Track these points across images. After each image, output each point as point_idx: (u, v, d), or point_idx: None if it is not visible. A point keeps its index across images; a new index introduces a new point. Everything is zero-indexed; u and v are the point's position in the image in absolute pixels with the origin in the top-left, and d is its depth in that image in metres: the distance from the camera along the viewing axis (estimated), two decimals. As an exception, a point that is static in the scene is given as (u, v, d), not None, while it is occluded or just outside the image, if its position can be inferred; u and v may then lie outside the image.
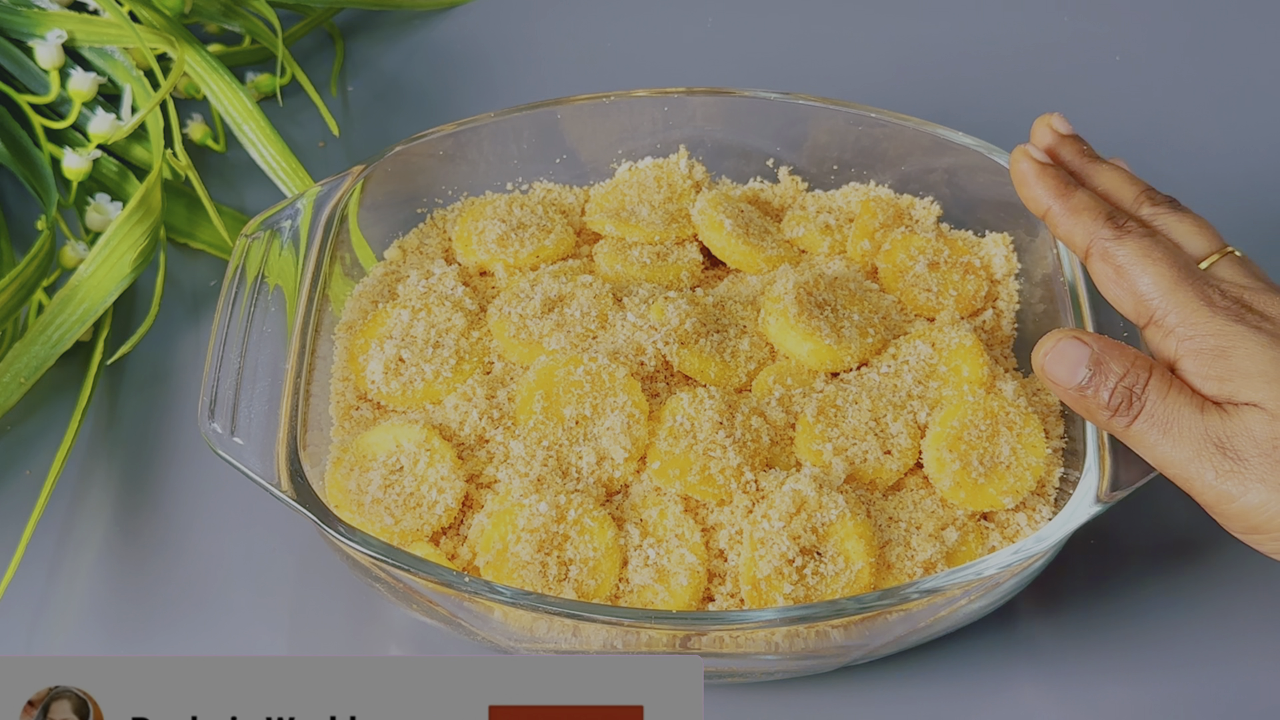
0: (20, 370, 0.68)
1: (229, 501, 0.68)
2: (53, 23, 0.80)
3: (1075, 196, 0.59)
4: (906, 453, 0.61)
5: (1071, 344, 0.55)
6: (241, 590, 0.66)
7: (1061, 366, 0.55)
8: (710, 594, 0.58)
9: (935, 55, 0.89)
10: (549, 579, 0.57)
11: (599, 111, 0.73)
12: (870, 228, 0.69)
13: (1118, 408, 0.54)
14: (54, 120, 0.79)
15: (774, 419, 0.61)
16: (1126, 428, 0.55)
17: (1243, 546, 0.66)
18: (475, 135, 0.71)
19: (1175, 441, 0.54)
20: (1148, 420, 0.54)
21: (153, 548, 0.67)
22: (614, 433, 0.60)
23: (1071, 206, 0.59)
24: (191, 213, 0.79)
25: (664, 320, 0.63)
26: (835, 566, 0.57)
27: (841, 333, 0.64)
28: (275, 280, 0.64)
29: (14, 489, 0.69)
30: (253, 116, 0.78)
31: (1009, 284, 0.69)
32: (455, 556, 0.59)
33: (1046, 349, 0.56)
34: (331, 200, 0.67)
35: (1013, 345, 0.68)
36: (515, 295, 0.65)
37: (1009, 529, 0.61)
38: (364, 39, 0.92)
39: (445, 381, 0.63)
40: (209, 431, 0.58)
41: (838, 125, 0.72)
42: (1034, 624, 0.64)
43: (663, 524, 0.59)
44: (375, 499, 0.59)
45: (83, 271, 0.70)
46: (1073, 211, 0.59)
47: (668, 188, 0.72)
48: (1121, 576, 0.65)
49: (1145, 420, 0.54)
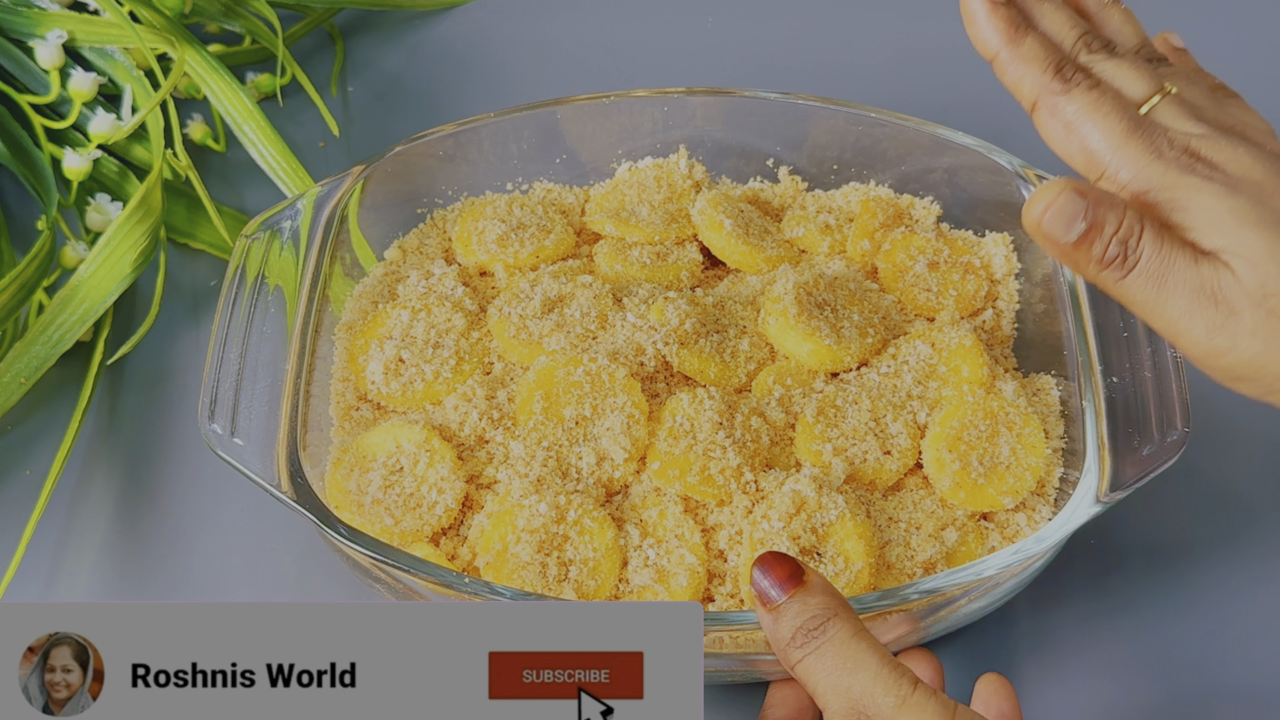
0: (20, 370, 0.68)
1: (229, 501, 0.68)
2: (53, 23, 0.80)
3: (1024, 44, 0.57)
4: (906, 453, 0.61)
5: (1070, 197, 0.52)
6: (241, 590, 0.65)
7: (1059, 221, 0.53)
8: (710, 594, 0.58)
9: (935, 55, 0.89)
10: (549, 579, 0.57)
11: (599, 111, 0.72)
12: (870, 228, 0.69)
13: (1111, 261, 0.52)
14: (54, 120, 0.79)
15: (774, 419, 0.61)
16: (1119, 282, 0.53)
17: (1242, 547, 0.66)
18: (475, 135, 0.71)
19: (1169, 294, 0.52)
20: (1142, 274, 0.52)
21: (153, 548, 0.67)
22: (614, 433, 0.60)
23: (1020, 55, 0.57)
24: (191, 213, 0.78)
25: (664, 320, 0.63)
26: (835, 567, 0.57)
27: (841, 333, 0.64)
28: (275, 280, 0.64)
29: (14, 489, 0.69)
30: (253, 116, 0.78)
31: (1009, 284, 0.69)
32: (455, 557, 0.59)
33: (1045, 202, 0.53)
34: (331, 200, 0.67)
35: (1013, 345, 0.68)
36: (515, 295, 0.65)
37: (1009, 529, 0.61)
38: (364, 39, 0.92)
39: (445, 382, 0.63)
40: (209, 432, 0.58)
41: (838, 125, 0.72)
42: (1034, 624, 0.64)
43: (662, 524, 0.59)
44: (375, 500, 0.59)
45: (83, 271, 0.70)
46: (1021, 59, 0.57)
47: (668, 188, 0.72)
48: (1121, 576, 0.65)
49: (1140, 274, 0.52)
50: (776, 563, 0.52)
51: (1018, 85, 0.57)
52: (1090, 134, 0.55)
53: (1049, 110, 0.56)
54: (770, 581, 0.51)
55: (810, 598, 0.51)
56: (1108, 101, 0.55)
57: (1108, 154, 0.55)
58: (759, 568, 0.52)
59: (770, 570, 0.51)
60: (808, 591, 0.51)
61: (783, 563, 0.52)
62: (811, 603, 0.51)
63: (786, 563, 0.52)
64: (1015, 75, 0.57)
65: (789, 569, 0.51)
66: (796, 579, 0.51)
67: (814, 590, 0.51)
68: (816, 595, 0.51)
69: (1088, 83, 0.56)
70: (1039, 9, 0.59)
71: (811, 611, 0.51)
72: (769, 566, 0.52)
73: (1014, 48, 0.57)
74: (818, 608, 0.51)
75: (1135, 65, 0.58)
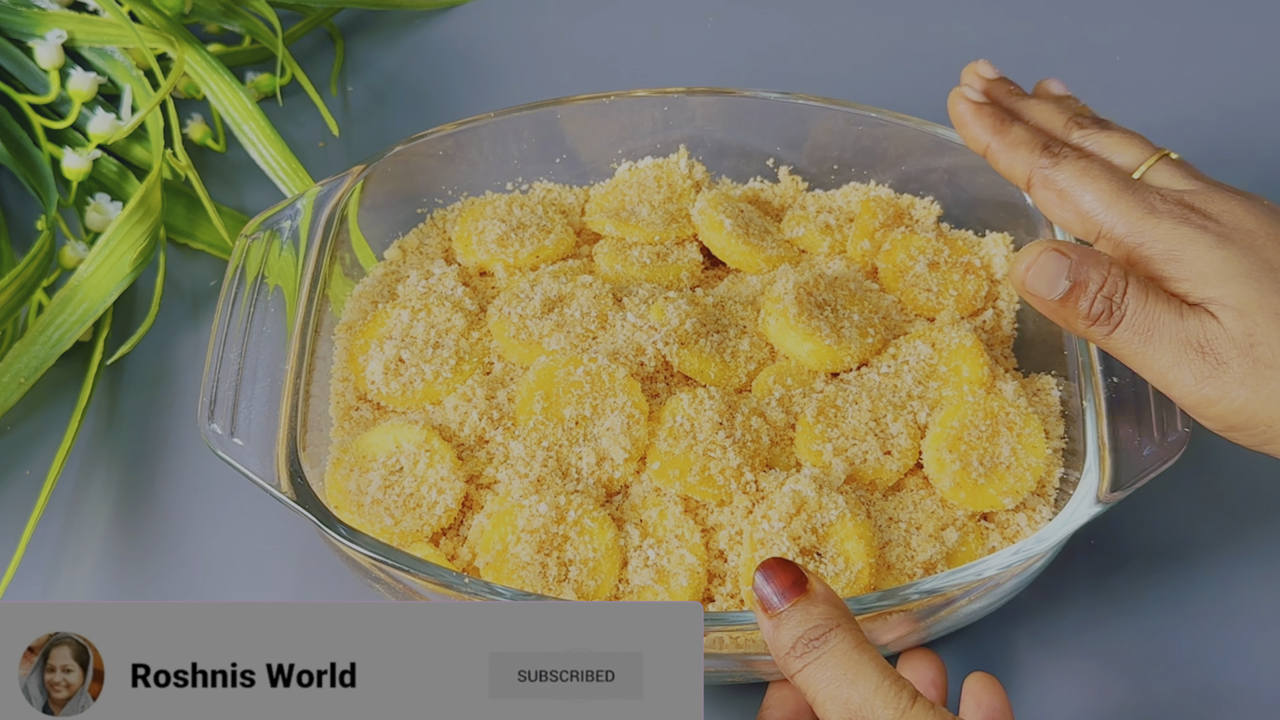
0: (20, 370, 0.68)
1: (229, 501, 0.68)
2: (53, 23, 0.80)
3: (1011, 132, 0.61)
4: (906, 453, 0.61)
5: (1051, 257, 0.54)
6: (241, 590, 0.65)
7: (1042, 280, 0.54)
8: (710, 594, 0.58)
9: (935, 55, 0.89)
10: (549, 580, 0.57)
11: (599, 111, 0.72)
12: (870, 227, 0.69)
13: (1098, 317, 0.54)
14: (54, 120, 0.79)
15: (774, 419, 0.61)
16: (1107, 336, 0.54)
17: (1242, 547, 0.66)
18: (475, 135, 0.71)
19: (1156, 347, 0.53)
20: (1129, 328, 0.54)
21: (153, 548, 0.67)
22: (614, 433, 0.59)
23: (1009, 142, 0.60)
24: (191, 213, 0.78)
25: (664, 320, 0.63)
26: (835, 567, 0.57)
27: (841, 333, 0.64)
28: (275, 280, 0.64)
29: (14, 489, 0.69)
30: (253, 116, 0.78)
31: (1009, 284, 0.68)
32: (455, 557, 0.59)
33: (1026, 263, 0.55)
34: (331, 200, 0.66)
35: (1013, 345, 0.68)
36: (515, 295, 0.65)
37: (1009, 529, 0.61)
38: (364, 39, 0.92)
39: (445, 382, 0.63)
40: (209, 432, 0.58)
41: (838, 125, 0.72)
42: (1034, 624, 0.64)
43: (662, 524, 0.58)
44: (375, 500, 0.59)
45: (83, 271, 0.70)
46: (1010, 146, 0.60)
47: (668, 187, 0.72)
48: (1121, 576, 0.65)
49: (1126, 328, 0.54)
50: (780, 569, 0.51)
51: (1011, 169, 0.61)
52: (1083, 197, 0.58)
53: (1042, 183, 0.59)
54: (773, 588, 0.51)
55: (813, 607, 0.50)
56: (1097, 167, 0.58)
57: (1101, 212, 0.57)
58: (761, 573, 0.51)
59: (773, 577, 0.51)
60: (810, 600, 0.51)
61: (786, 569, 0.51)
62: (814, 612, 0.50)
63: (790, 569, 0.51)
64: (1008, 161, 0.61)
65: (792, 576, 0.51)
66: (800, 587, 0.51)
67: (817, 600, 0.51)
68: (819, 605, 0.51)
69: (1076, 154, 0.59)
70: (1025, 105, 0.63)
71: (814, 621, 0.50)
72: (772, 573, 0.51)
73: (1002, 138, 0.61)
74: (820, 618, 0.50)
75: (1126, 136, 0.61)
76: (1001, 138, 0.61)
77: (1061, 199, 0.58)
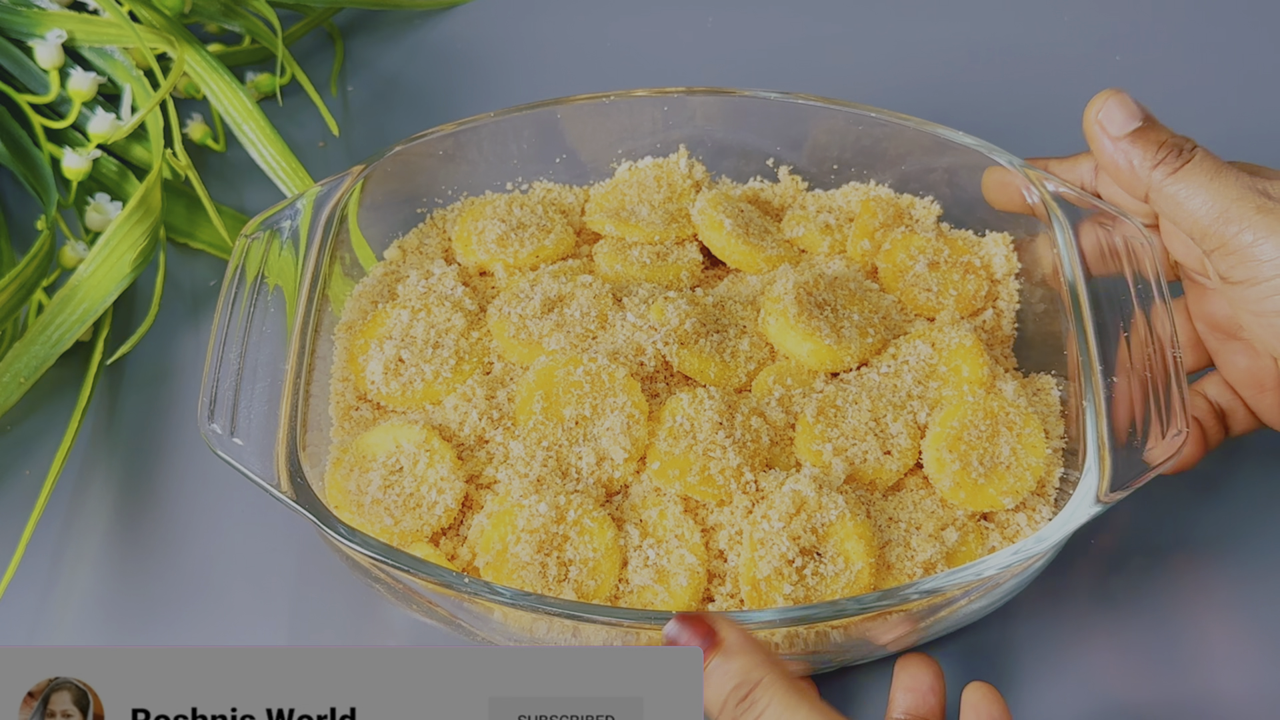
0: (20, 370, 0.68)
1: (229, 501, 0.68)
2: (53, 23, 0.79)
3: None
4: (906, 453, 0.61)
5: (1124, 99, 0.57)
6: (241, 590, 0.65)
7: (1116, 114, 0.56)
8: (710, 594, 0.58)
9: (935, 55, 0.89)
10: (549, 580, 0.56)
11: (599, 111, 0.72)
12: (870, 227, 0.69)
13: (1164, 158, 0.55)
14: (54, 120, 0.78)
15: (774, 419, 0.61)
16: (1171, 174, 0.54)
17: (1242, 547, 0.65)
18: (475, 135, 0.71)
19: (1221, 186, 0.54)
20: (1197, 167, 0.54)
21: (153, 547, 0.67)
22: (614, 433, 0.59)
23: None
24: (191, 213, 0.78)
25: (664, 320, 0.63)
26: (835, 567, 0.57)
27: (841, 333, 0.63)
28: (275, 280, 0.63)
29: (14, 489, 0.69)
30: (252, 116, 0.78)
31: (1009, 283, 0.68)
32: (455, 557, 0.58)
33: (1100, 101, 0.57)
34: (331, 200, 0.66)
35: (1013, 345, 0.67)
36: (515, 295, 0.65)
37: (1009, 529, 0.60)
38: (364, 39, 0.92)
39: (445, 382, 0.62)
40: (209, 432, 0.58)
41: (838, 125, 0.71)
42: (1034, 624, 0.63)
43: (662, 524, 0.58)
44: (375, 499, 0.59)
45: (83, 271, 0.70)
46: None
47: (667, 187, 0.72)
48: (1121, 577, 0.65)
49: (1195, 167, 0.54)
50: (688, 624, 0.49)
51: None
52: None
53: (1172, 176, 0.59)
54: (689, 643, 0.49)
55: (729, 662, 0.48)
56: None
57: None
58: (673, 628, 0.49)
59: (684, 630, 0.49)
60: (725, 656, 0.48)
61: (694, 624, 0.48)
62: (733, 668, 0.48)
63: (697, 623, 0.48)
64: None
65: (701, 629, 0.48)
66: (710, 640, 0.48)
67: (732, 653, 0.48)
68: (736, 658, 0.48)
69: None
70: None
71: (735, 679, 0.48)
72: (682, 628, 0.49)
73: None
74: (739, 673, 0.48)
75: None
76: None
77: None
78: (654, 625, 0.54)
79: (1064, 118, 0.67)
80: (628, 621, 0.54)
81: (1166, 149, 0.55)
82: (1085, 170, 0.64)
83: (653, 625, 0.54)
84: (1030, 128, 0.79)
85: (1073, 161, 0.64)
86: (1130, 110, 0.56)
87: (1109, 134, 0.55)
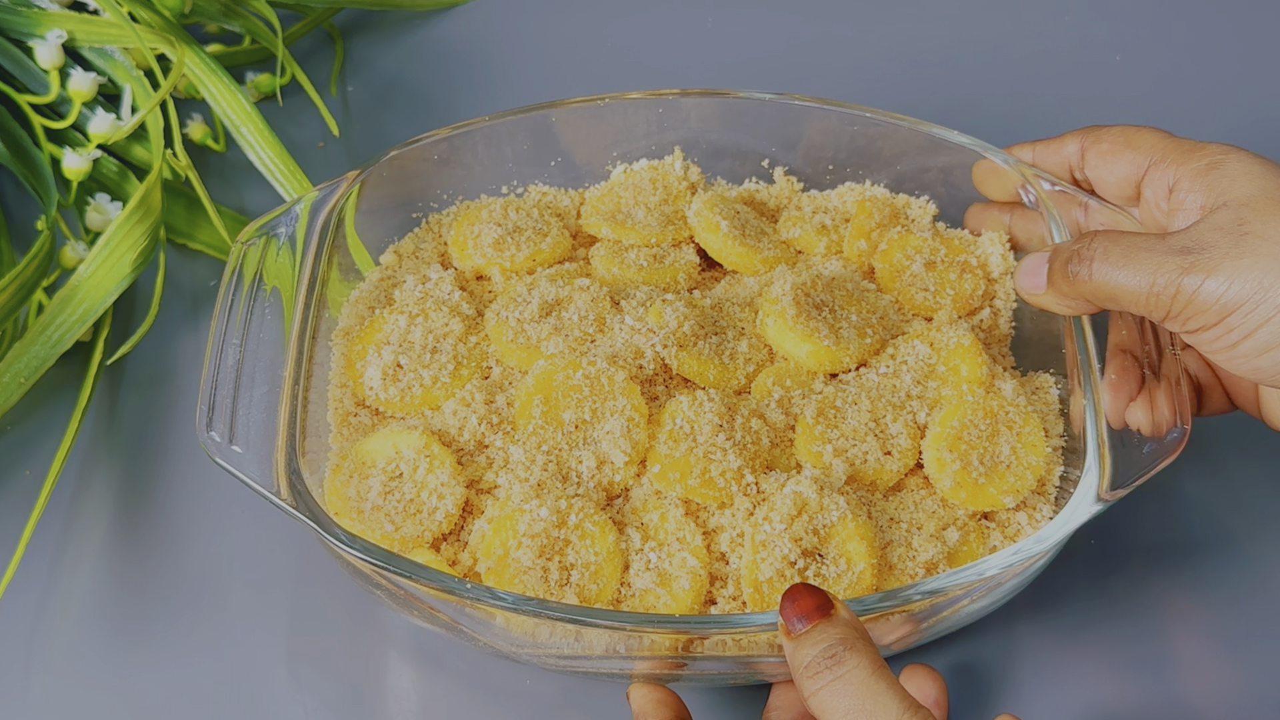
0: (20, 370, 0.66)
1: (228, 502, 0.66)
2: (53, 23, 0.77)
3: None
4: (906, 453, 0.59)
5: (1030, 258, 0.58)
6: (241, 591, 0.63)
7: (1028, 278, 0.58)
8: (712, 597, 0.56)
9: (933, 55, 0.87)
10: (550, 584, 0.54)
11: (593, 114, 0.70)
12: (866, 227, 0.67)
13: (1073, 266, 0.55)
14: (54, 120, 0.76)
15: (774, 421, 0.59)
16: (1091, 277, 0.55)
17: (1242, 547, 0.64)
18: (470, 139, 0.68)
19: (1137, 265, 0.53)
20: (1104, 259, 0.54)
21: (153, 548, 0.65)
22: (614, 436, 0.57)
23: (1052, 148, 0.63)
24: (191, 213, 0.76)
25: (662, 323, 0.60)
26: (837, 568, 0.55)
27: (840, 333, 0.61)
28: (273, 282, 0.61)
29: (14, 489, 0.67)
30: (251, 118, 0.75)
31: (1006, 282, 0.66)
32: (456, 562, 0.56)
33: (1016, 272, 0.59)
34: (327, 206, 0.64)
35: (1010, 344, 0.65)
36: (512, 299, 0.62)
37: (1010, 528, 0.58)
38: (364, 39, 0.90)
39: (444, 387, 0.60)
40: (207, 440, 0.55)
41: (832, 125, 0.69)
42: (1034, 624, 0.61)
43: (664, 527, 0.56)
44: (375, 506, 0.56)
45: (83, 271, 0.68)
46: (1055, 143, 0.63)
47: (663, 189, 0.70)
48: (1121, 576, 0.63)
49: (1101, 260, 0.54)
50: (804, 594, 0.49)
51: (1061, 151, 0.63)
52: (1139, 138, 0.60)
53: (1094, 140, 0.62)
54: (796, 613, 0.49)
55: (831, 628, 0.48)
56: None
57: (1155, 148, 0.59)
58: (786, 599, 0.49)
59: (797, 601, 0.49)
60: (830, 623, 0.49)
61: (810, 594, 0.49)
62: (831, 632, 0.48)
63: (814, 594, 0.49)
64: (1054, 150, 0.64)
65: (816, 600, 0.49)
66: (824, 610, 0.49)
67: (837, 622, 0.49)
68: (838, 627, 0.48)
69: None
70: None
71: (828, 640, 0.48)
72: (796, 598, 0.49)
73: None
74: (835, 638, 0.48)
75: None
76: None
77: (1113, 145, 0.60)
78: (656, 629, 0.52)
79: (1061, 117, 0.65)
80: (630, 625, 0.52)
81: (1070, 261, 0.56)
82: (1071, 151, 0.63)
83: (655, 629, 0.52)
84: (1027, 127, 0.78)
85: (1059, 143, 0.63)
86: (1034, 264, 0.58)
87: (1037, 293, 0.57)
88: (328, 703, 0.59)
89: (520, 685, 0.60)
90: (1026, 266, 0.58)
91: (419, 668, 0.61)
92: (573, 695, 0.60)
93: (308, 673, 0.60)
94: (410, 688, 0.60)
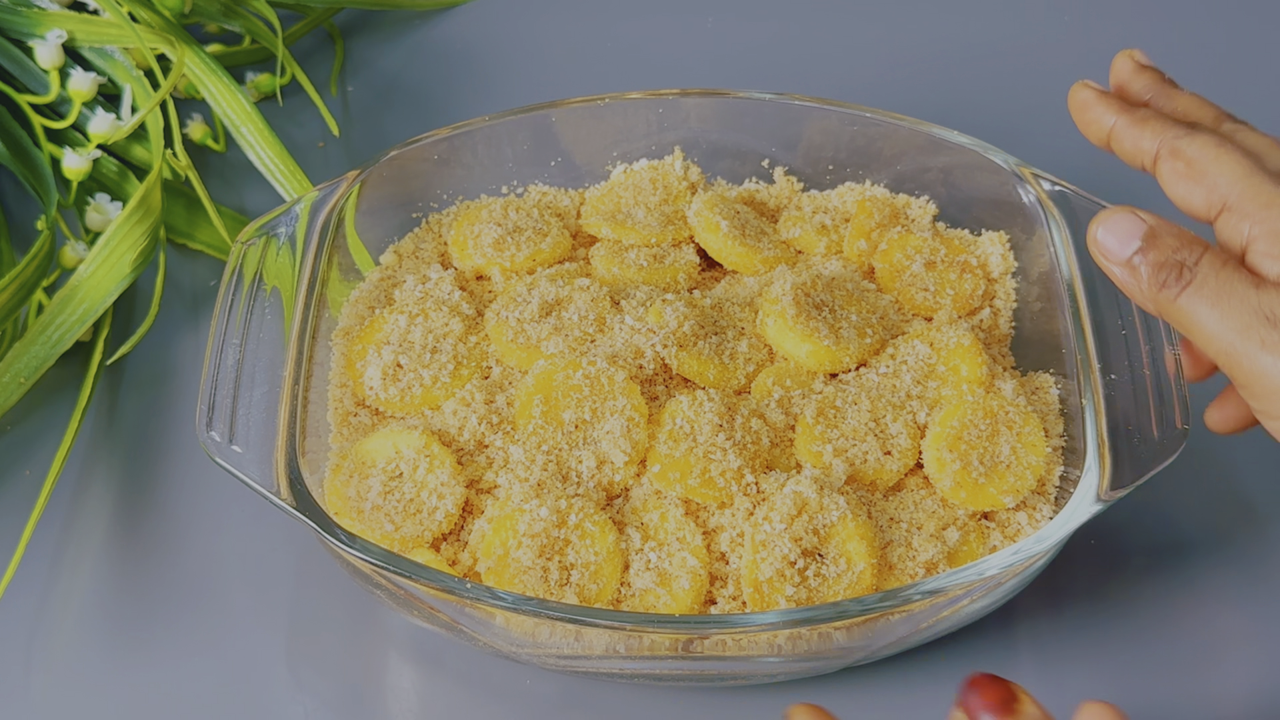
0: (20, 370, 0.65)
1: (228, 502, 0.65)
2: (53, 23, 0.77)
3: (1140, 110, 0.55)
4: (906, 453, 0.58)
5: (1126, 215, 0.51)
6: (241, 591, 0.63)
7: (1113, 237, 0.51)
8: (712, 597, 0.55)
9: (933, 55, 0.87)
10: (551, 584, 0.54)
11: (593, 114, 0.69)
12: (866, 227, 0.66)
13: (1165, 280, 0.50)
14: (54, 120, 0.76)
15: (774, 421, 0.58)
16: (1175, 299, 0.50)
17: (1242, 547, 0.63)
18: (469, 139, 0.68)
19: (1225, 313, 0.49)
20: (1198, 291, 0.49)
21: (153, 548, 0.64)
22: (614, 436, 0.56)
23: (1138, 118, 0.54)
24: (191, 213, 0.75)
25: (662, 323, 0.60)
26: (837, 568, 0.54)
27: (840, 333, 0.61)
28: (273, 282, 0.61)
29: (14, 489, 0.66)
30: (251, 119, 0.75)
31: (1006, 282, 0.66)
32: (456, 562, 0.56)
33: (1101, 220, 0.51)
34: (327, 206, 0.63)
35: (1010, 344, 0.65)
36: (512, 299, 0.62)
37: (1010, 528, 0.58)
38: (364, 39, 0.89)
39: (443, 387, 0.60)
40: (207, 440, 0.55)
41: (832, 125, 0.69)
42: (1034, 624, 0.61)
43: (664, 527, 0.56)
44: (375, 505, 0.56)
45: (83, 271, 0.67)
46: (1139, 122, 0.54)
47: (663, 189, 0.69)
48: (1121, 576, 0.62)
49: (1195, 291, 0.50)
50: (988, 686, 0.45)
51: (1138, 144, 0.54)
52: (1213, 167, 0.52)
53: (1171, 153, 0.53)
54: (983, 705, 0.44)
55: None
56: (1231, 145, 0.52)
57: (1232, 185, 0.51)
58: (970, 689, 0.45)
59: (980, 693, 0.45)
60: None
61: (996, 687, 0.45)
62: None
63: (999, 687, 0.45)
64: (1134, 136, 0.54)
65: (1001, 694, 0.44)
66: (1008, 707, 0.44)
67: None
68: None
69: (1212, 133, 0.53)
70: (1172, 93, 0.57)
71: None
72: (979, 690, 0.45)
73: (1130, 114, 0.54)
74: None
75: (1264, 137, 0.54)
76: (1130, 115, 0.54)
77: (1190, 169, 0.52)
78: (656, 629, 0.52)
79: (1061, 118, 0.64)
80: (630, 625, 0.51)
81: (1167, 270, 0.50)
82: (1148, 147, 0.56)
83: (655, 629, 0.52)
84: (1027, 128, 0.78)
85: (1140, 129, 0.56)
86: (1129, 229, 0.51)
87: (1110, 259, 0.51)
88: (328, 703, 0.59)
89: (520, 685, 0.59)
90: (1115, 225, 0.51)
91: (419, 668, 0.60)
92: (573, 695, 0.59)
93: (308, 673, 0.60)
94: (410, 688, 0.60)
